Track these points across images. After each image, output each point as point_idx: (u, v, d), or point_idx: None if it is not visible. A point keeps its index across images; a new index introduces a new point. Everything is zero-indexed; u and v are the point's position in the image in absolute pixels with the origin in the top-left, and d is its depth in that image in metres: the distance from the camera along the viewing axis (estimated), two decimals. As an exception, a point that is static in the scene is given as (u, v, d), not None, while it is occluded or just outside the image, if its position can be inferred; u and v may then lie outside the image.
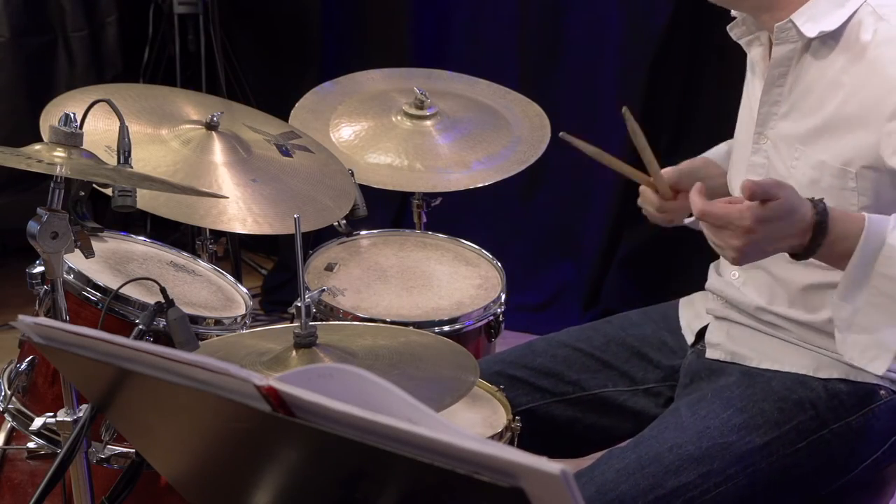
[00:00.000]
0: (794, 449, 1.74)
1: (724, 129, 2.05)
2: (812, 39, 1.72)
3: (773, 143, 1.81)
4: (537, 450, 2.01)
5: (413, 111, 2.60)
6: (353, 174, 2.36)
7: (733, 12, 1.87)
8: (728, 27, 1.89)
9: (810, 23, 1.71)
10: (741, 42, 1.88)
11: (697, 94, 3.58)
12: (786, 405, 1.76)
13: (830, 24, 1.70)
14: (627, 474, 1.70)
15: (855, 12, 1.70)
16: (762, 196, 1.52)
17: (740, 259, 1.56)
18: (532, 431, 1.86)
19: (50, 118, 2.01)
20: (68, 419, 1.73)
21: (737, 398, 1.79)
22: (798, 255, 1.58)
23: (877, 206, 1.69)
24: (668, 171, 1.93)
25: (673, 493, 1.69)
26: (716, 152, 2.11)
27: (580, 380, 1.98)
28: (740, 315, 1.88)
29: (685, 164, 2.01)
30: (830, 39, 1.72)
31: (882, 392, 1.78)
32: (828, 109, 1.72)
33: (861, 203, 1.70)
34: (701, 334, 1.94)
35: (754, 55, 1.86)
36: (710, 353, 1.90)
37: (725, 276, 1.92)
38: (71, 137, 1.65)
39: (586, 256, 3.84)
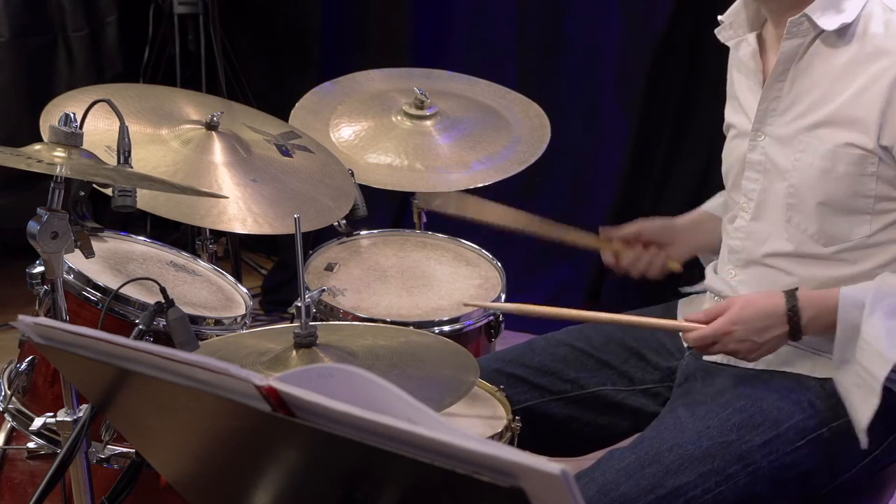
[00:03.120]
0: (794, 447, 1.74)
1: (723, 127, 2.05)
2: (821, 32, 1.74)
3: (772, 140, 1.82)
4: (536, 448, 2.01)
5: (413, 111, 2.60)
6: (353, 174, 2.36)
7: (720, 17, 1.88)
8: (716, 31, 1.90)
9: (827, 15, 1.73)
10: (729, 44, 1.90)
11: (697, 94, 3.58)
12: (784, 404, 1.76)
13: (849, 16, 1.73)
14: (628, 474, 1.70)
15: (866, 4, 1.73)
16: (713, 315, 1.75)
17: (748, 356, 1.77)
18: (530, 429, 1.86)
19: (50, 118, 2.01)
20: (68, 419, 1.73)
21: (735, 398, 1.79)
22: (793, 338, 1.75)
23: (893, 193, 1.72)
24: (646, 224, 2.09)
25: (673, 493, 1.69)
26: (713, 205, 2.14)
27: (579, 378, 1.98)
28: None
29: (671, 220, 2.12)
30: (841, 32, 1.74)
31: (879, 392, 1.79)
32: (839, 100, 1.73)
33: (878, 190, 1.71)
34: (699, 336, 1.94)
35: (743, 55, 1.87)
36: (707, 356, 1.90)
37: (723, 276, 1.93)
38: (71, 137, 1.65)
39: (586, 256, 3.82)
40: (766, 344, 1.74)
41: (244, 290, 2.18)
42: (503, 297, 2.33)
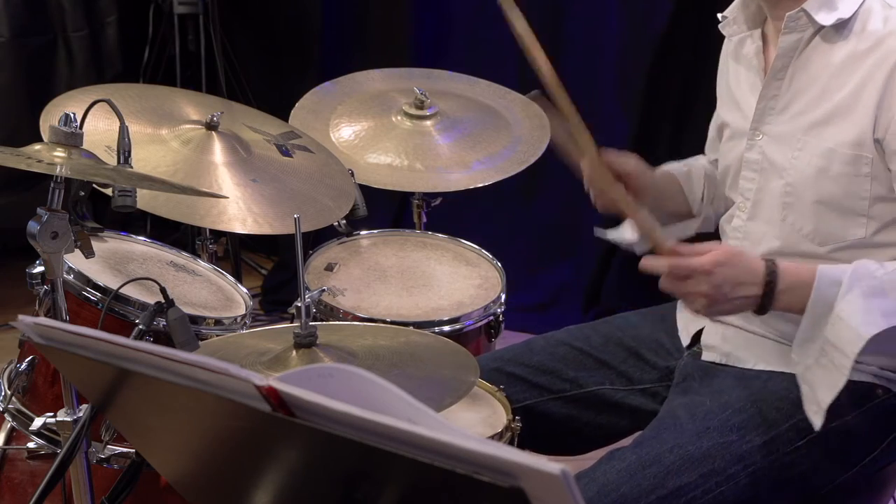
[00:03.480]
0: (794, 447, 1.74)
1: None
2: (820, 28, 1.73)
3: (770, 138, 1.82)
4: (535, 447, 2.01)
5: (413, 111, 2.60)
6: (353, 174, 2.36)
7: (723, 13, 1.88)
8: (720, 25, 1.90)
9: (824, 11, 1.73)
10: (733, 39, 1.90)
11: (697, 94, 3.58)
12: (784, 405, 1.76)
13: (846, 11, 1.72)
14: (629, 475, 1.70)
15: (864, 1, 1.72)
16: (700, 251, 1.67)
17: (709, 307, 1.68)
18: (529, 429, 1.86)
19: (50, 118, 2.01)
20: (68, 419, 1.73)
21: (735, 399, 1.79)
22: (760, 306, 1.68)
23: (890, 193, 1.71)
24: (630, 161, 1.98)
25: (674, 494, 1.69)
26: (680, 171, 2.11)
27: (577, 377, 1.98)
28: (735, 317, 1.87)
29: (651, 173, 2.03)
30: (840, 26, 1.73)
31: (879, 391, 1.78)
32: (837, 97, 1.73)
33: (874, 191, 1.71)
34: (697, 337, 1.94)
35: (747, 52, 1.87)
36: (706, 356, 1.90)
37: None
38: (71, 137, 1.65)
39: (586, 256, 3.84)
40: (734, 301, 1.67)
41: (244, 290, 2.18)
42: (503, 297, 2.33)
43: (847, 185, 1.72)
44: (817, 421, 1.69)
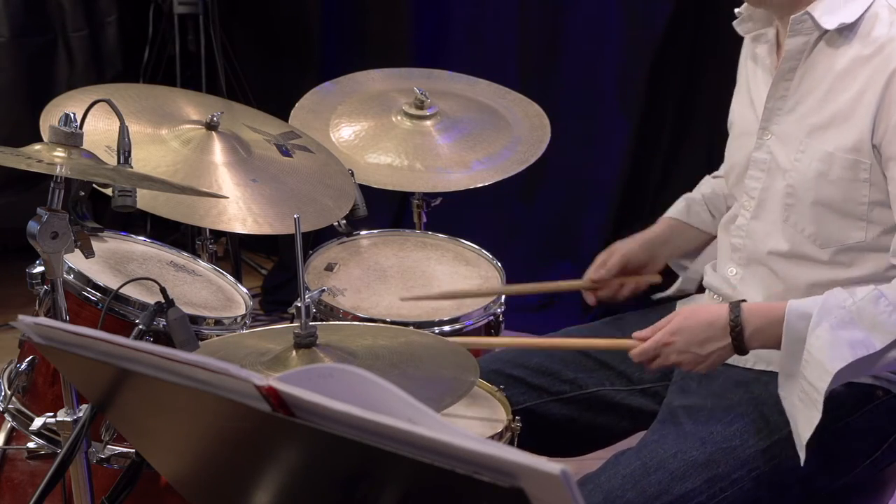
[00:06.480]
0: (796, 450, 1.73)
1: (724, 128, 2.05)
2: (826, 32, 1.73)
3: (777, 139, 1.82)
4: (535, 449, 2.02)
5: (413, 111, 2.60)
6: (353, 174, 2.36)
7: (737, 10, 1.88)
8: (734, 23, 1.89)
9: (828, 14, 1.73)
10: (747, 37, 1.89)
11: (697, 94, 3.58)
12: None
13: (849, 16, 1.72)
14: (634, 481, 1.69)
15: (871, 5, 1.72)
16: (658, 329, 1.76)
17: (691, 368, 1.76)
18: (530, 430, 1.86)
19: (50, 118, 2.01)
20: (68, 419, 1.73)
21: (737, 402, 1.79)
22: (738, 351, 1.73)
23: (888, 198, 1.71)
24: (630, 251, 2.06)
25: (679, 500, 1.69)
26: (678, 210, 2.12)
27: (577, 378, 1.98)
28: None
29: (648, 238, 2.08)
30: (846, 31, 1.73)
31: (879, 392, 1.78)
32: (839, 101, 1.73)
33: (872, 196, 1.71)
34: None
35: (760, 51, 1.86)
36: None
37: (722, 273, 1.92)
38: (71, 137, 1.65)
39: (586, 256, 3.82)
40: (710, 356, 1.73)
41: (244, 290, 2.18)
42: (503, 297, 2.33)
43: (846, 190, 1.72)
44: (801, 455, 1.69)
